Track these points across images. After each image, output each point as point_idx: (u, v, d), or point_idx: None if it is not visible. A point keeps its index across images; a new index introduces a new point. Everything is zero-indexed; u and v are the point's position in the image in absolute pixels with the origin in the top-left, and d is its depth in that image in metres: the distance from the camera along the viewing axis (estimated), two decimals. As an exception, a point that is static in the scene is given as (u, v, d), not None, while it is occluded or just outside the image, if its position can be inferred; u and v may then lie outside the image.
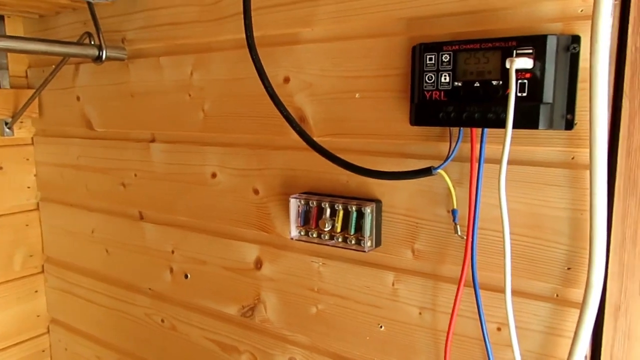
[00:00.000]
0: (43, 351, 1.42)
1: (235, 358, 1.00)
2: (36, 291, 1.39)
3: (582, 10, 0.60)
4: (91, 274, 1.26)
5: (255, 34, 0.78)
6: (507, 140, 0.58)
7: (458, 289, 0.69)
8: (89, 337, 1.31)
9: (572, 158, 0.63)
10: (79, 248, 1.28)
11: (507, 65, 0.58)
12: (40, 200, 1.36)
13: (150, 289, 1.14)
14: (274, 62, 0.86)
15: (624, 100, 0.59)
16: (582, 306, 0.60)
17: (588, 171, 0.61)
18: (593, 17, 0.53)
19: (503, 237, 0.61)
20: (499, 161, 0.66)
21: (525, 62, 0.58)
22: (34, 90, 1.25)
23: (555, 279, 0.65)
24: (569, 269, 0.64)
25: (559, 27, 0.62)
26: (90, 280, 1.27)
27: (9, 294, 1.33)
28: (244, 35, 0.87)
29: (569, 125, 0.61)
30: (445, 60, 0.65)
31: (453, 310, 0.69)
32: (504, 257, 0.63)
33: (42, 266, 1.39)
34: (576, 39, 0.60)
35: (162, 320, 1.12)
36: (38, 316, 1.40)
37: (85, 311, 1.30)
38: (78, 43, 1.03)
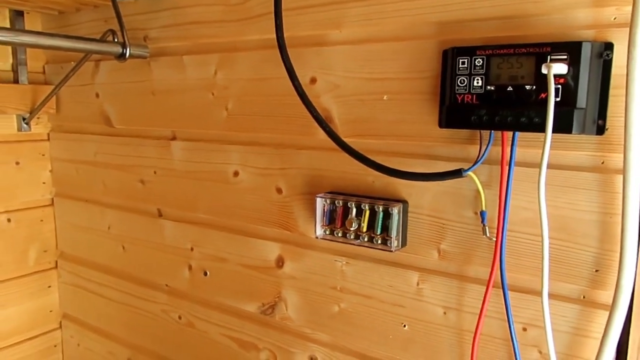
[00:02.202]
0: (55, 346, 1.42)
1: (254, 355, 1.01)
2: (49, 286, 1.39)
3: (615, 18, 0.62)
4: (106, 270, 1.27)
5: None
6: (546, 145, 0.59)
7: (487, 290, 0.70)
8: (102, 333, 1.32)
9: (602, 162, 0.64)
10: (94, 244, 1.28)
11: (544, 71, 0.59)
12: (55, 196, 1.37)
13: (167, 285, 1.14)
14: (301, 63, 0.87)
15: (656, 107, 0.60)
16: (611, 308, 0.61)
17: (617, 176, 0.63)
18: (632, 24, 0.54)
19: (542, 241, 0.63)
20: (528, 164, 0.68)
21: (561, 68, 0.60)
22: (51, 86, 1.25)
23: (583, 281, 0.67)
24: (596, 271, 0.66)
25: (591, 34, 0.63)
26: (105, 276, 1.27)
27: (22, 289, 1.33)
28: (269, 36, 0.89)
29: (600, 130, 0.63)
30: (478, 65, 0.66)
31: (481, 311, 0.71)
32: (542, 260, 0.64)
33: (56, 262, 1.39)
34: (609, 46, 0.61)
35: (180, 317, 1.13)
36: (50, 311, 1.40)
37: (99, 307, 1.30)
38: (102, 40, 1.03)
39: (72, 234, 1.34)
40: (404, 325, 0.82)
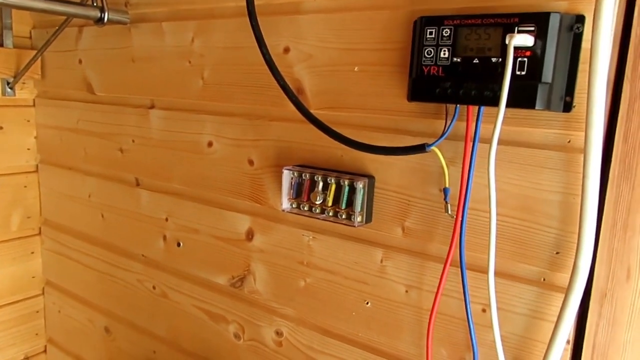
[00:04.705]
0: (37, 312, 1.43)
1: (223, 327, 1.01)
2: (32, 252, 1.40)
3: (588, -10, 0.59)
4: (86, 238, 1.27)
5: (258, 2, 0.77)
6: (499, 117, 0.57)
7: (444, 268, 0.68)
8: (82, 301, 1.32)
9: (569, 141, 0.62)
10: (76, 212, 1.28)
11: (507, 41, 0.57)
12: (39, 163, 1.36)
13: (143, 255, 1.14)
14: (276, 31, 0.84)
15: (624, 84, 0.57)
16: (567, 290, 0.59)
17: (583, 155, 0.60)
18: (597, -6, 0.52)
19: (489, 217, 0.61)
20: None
21: (526, 39, 0.57)
22: (36, 51, 1.24)
23: (544, 262, 0.65)
24: (557, 253, 0.64)
25: (563, 5, 0.60)
26: (86, 245, 1.27)
27: (4, 254, 1.34)
28: (245, 3, 0.86)
29: (567, 107, 0.60)
30: (446, 35, 0.64)
31: (438, 290, 0.69)
32: (489, 237, 0.62)
33: (40, 228, 1.40)
34: (580, 19, 0.58)
35: (154, 287, 1.13)
36: (33, 277, 1.41)
37: (80, 275, 1.31)
38: (80, 3, 1.01)
39: (56, 201, 1.34)
40: (367, 303, 0.81)
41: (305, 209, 0.81)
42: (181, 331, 1.09)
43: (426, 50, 0.66)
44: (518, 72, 0.59)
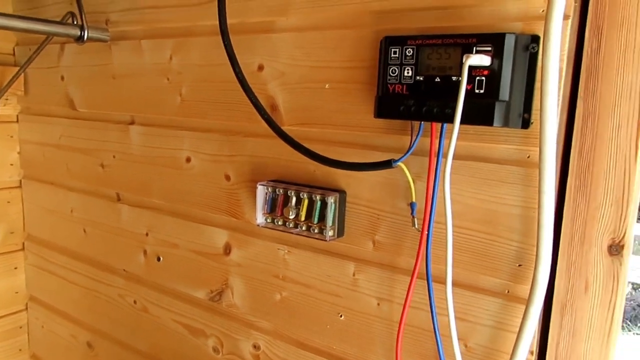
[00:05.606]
0: (20, 327, 1.43)
1: (202, 341, 1.01)
2: (16, 268, 1.40)
3: (543, 11, 0.61)
4: (69, 253, 1.27)
5: (233, 20, 0.79)
6: (454, 134, 0.58)
7: (411, 281, 0.70)
8: (65, 316, 1.32)
9: (528, 157, 0.64)
10: (59, 227, 1.29)
11: (463, 61, 0.59)
12: (22, 178, 1.37)
13: (124, 270, 1.15)
14: (250, 50, 0.86)
15: (578, 102, 0.59)
16: (527, 302, 0.60)
17: (542, 170, 0.62)
18: (547, 16, 0.54)
19: (446, 229, 0.62)
20: (459, 157, 0.68)
21: (482, 59, 0.59)
22: (19, 68, 1.25)
23: (507, 275, 0.66)
24: (520, 265, 0.65)
25: (519, 26, 0.62)
26: (68, 260, 1.28)
27: (-13, 270, 1.34)
28: (220, 22, 0.88)
29: (525, 124, 0.62)
30: (409, 54, 0.66)
31: (405, 302, 0.70)
32: (446, 249, 0.64)
33: (23, 243, 1.40)
34: (536, 39, 0.61)
35: (135, 302, 1.13)
36: (17, 293, 1.41)
37: (63, 290, 1.31)
38: (60, 22, 1.03)
39: (39, 217, 1.34)
40: (341, 316, 0.82)
41: (279, 223, 0.82)
42: (162, 346, 1.09)
43: (391, 69, 0.68)
44: (477, 91, 0.61)
